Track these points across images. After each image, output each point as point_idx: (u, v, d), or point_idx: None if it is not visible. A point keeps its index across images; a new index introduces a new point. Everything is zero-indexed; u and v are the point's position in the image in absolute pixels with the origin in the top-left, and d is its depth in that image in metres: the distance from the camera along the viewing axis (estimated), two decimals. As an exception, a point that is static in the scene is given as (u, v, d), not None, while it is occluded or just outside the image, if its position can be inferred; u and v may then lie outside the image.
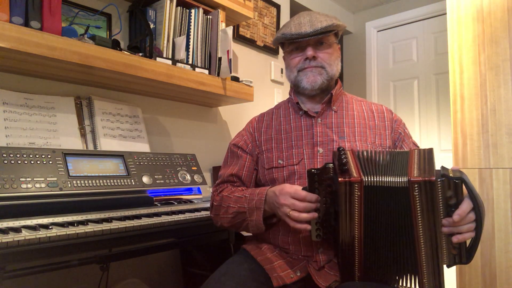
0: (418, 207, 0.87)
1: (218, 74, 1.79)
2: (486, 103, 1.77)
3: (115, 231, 1.09)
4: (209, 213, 1.32)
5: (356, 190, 0.90)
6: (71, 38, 1.30)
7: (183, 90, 1.73)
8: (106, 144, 1.51)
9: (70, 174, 1.26)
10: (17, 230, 0.95)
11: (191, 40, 1.76)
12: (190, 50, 1.75)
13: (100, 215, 1.19)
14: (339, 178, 0.90)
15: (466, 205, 0.86)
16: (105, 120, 1.55)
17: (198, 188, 1.70)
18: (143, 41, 1.65)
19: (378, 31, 3.54)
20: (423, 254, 0.89)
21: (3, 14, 1.18)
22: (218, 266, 1.11)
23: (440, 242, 0.89)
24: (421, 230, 0.88)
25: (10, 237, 0.90)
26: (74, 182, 1.25)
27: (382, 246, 0.93)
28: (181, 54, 1.69)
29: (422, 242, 0.89)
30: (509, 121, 1.71)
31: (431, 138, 3.16)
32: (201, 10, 1.80)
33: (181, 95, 1.85)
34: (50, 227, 1.00)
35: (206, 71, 1.75)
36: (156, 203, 1.47)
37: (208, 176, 2.01)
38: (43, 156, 1.23)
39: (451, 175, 0.87)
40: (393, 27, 3.44)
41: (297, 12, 1.56)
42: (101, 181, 1.31)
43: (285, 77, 2.69)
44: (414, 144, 1.20)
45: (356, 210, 0.91)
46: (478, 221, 0.88)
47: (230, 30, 1.78)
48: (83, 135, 1.48)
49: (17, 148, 1.20)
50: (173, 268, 1.86)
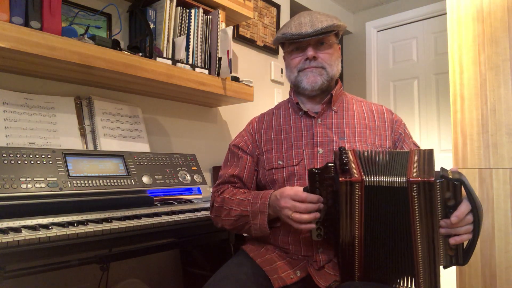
0: (416, 208, 0.88)
1: (218, 74, 1.79)
2: (486, 103, 1.77)
3: (115, 231, 1.09)
4: (209, 213, 1.32)
5: (357, 190, 0.90)
6: (71, 38, 1.30)
7: (183, 90, 1.73)
8: (106, 144, 1.51)
9: (70, 174, 1.26)
10: (17, 230, 0.95)
11: (191, 40, 1.76)
12: (190, 50, 1.75)
13: (100, 215, 1.19)
14: (340, 178, 0.90)
15: (464, 207, 0.86)
16: (105, 120, 1.55)
17: (198, 188, 1.70)
18: (143, 41, 1.65)
19: (378, 31, 3.54)
20: (420, 254, 0.89)
21: (3, 14, 1.18)
22: (218, 266, 1.10)
23: (437, 243, 0.89)
24: (418, 230, 0.88)
25: (10, 237, 0.90)
26: (74, 182, 1.25)
27: (382, 246, 0.93)
28: (181, 54, 1.69)
29: (419, 243, 0.89)
30: (509, 121, 1.71)
31: (431, 138, 3.16)
32: (201, 10, 1.80)
33: (181, 95, 1.85)
34: (50, 227, 1.00)
35: (206, 71, 1.75)
36: (156, 203, 1.47)
37: (208, 176, 2.01)
38: (43, 156, 1.23)
39: (450, 177, 0.87)
40: (393, 27, 3.44)
41: (297, 12, 1.56)
42: (101, 181, 1.31)
43: (285, 77, 2.69)
44: (415, 144, 1.20)
45: (356, 209, 0.91)
46: (476, 223, 0.88)
47: (230, 30, 1.78)
48: (83, 135, 1.48)
49: (17, 148, 1.20)
50: (173, 268, 1.86)
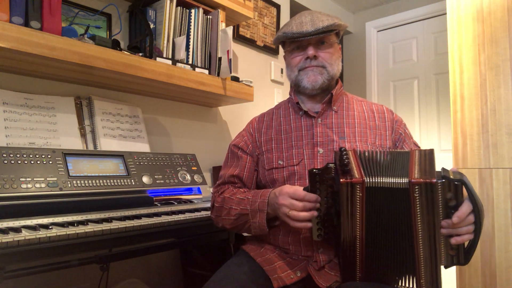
0: (418, 208, 0.87)
1: (218, 74, 1.79)
2: (486, 103, 1.77)
3: (115, 231, 1.09)
4: (209, 213, 1.32)
5: (358, 191, 0.90)
6: (71, 38, 1.30)
7: (183, 90, 1.73)
8: (106, 144, 1.51)
9: (70, 174, 1.26)
10: (17, 230, 0.95)
11: (191, 40, 1.75)
12: (190, 50, 1.75)
13: (100, 215, 1.19)
14: (341, 179, 0.90)
15: (465, 207, 0.86)
16: (105, 120, 1.55)
17: (198, 188, 1.70)
18: (143, 41, 1.65)
19: (378, 31, 3.54)
20: (421, 254, 0.89)
21: (3, 14, 1.18)
22: (218, 266, 1.10)
23: (438, 243, 0.89)
24: (420, 231, 0.88)
25: (10, 237, 0.90)
26: (74, 182, 1.25)
27: (383, 246, 0.93)
28: (181, 54, 1.69)
29: (421, 243, 0.89)
30: (509, 121, 1.70)
31: (431, 138, 3.16)
32: (201, 10, 1.80)
33: (181, 95, 1.85)
34: (50, 227, 1.00)
35: (206, 71, 1.75)
36: (156, 203, 1.47)
37: (208, 176, 2.01)
38: (43, 156, 1.23)
39: (452, 177, 0.87)
40: (393, 27, 3.44)
41: (297, 12, 1.56)
42: (101, 181, 1.31)
43: (285, 77, 2.69)
44: (415, 144, 1.20)
45: (357, 210, 0.91)
46: (477, 223, 0.88)
47: (230, 30, 1.78)
48: (83, 135, 1.48)
49: (17, 148, 1.20)
50: (173, 268, 1.86)
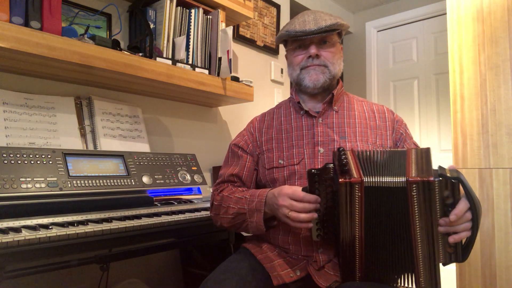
0: (416, 207, 0.88)
1: (218, 74, 1.79)
2: (486, 103, 1.77)
3: (115, 231, 1.09)
4: (209, 213, 1.32)
5: (356, 191, 0.90)
6: (71, 38, 1.30)
7: (183, 90, 1.73)
8: (106, 144, 1.51)
9: (70, 174, 1.26)
10: (17, 230, 0.95)
11: (191, 40, 1.76)
12: (190, 50, 1.75)
13: (100, 215, 1.19)
14: (340, 179, 0.90)
15: (462, 205, 0.87)
16: (105, 120, 1.55)
17: (198, 188, 1.70)
18: (143, 41, 1.65)
19: (378, 31, 3.54)
20: (420, 253, 0.90)
21: (3, 14, 1.18)
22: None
23: (436, 241, 0.89)
24: (418, 229, 0.89)
25: (10, 237, 0.90)
26: (74, 182, 1.25)
27: (382, 246, 0.93)
28: (181, 54, 1.69)
29: (419, 241, 0.89)
30: (509, 121, 1.70)
31: (431, 138, 3.16)
32: (201, 10, 1.80)
33: (181, 95, 1.85)
34: (50, 227, 1.00)
35: (206, 71, 1.75)
36: (156, 203, 1.47)
37: (208, 176, 2.01)
38: (43, 156, 1.23)
39: (449, 175, 0.87)
40: (393, 27, 3.44)
41: (297, 12, 1.56)
42: (101, 181, 1.31)
43: (285, 77, 2.69)
44: (415, 144, 1.20)
45: (356, 210, 0.91)
46: (475, 220, 0.88)
47: (230, 30, 1.78)
48: (83, 135, 1.48)
49: (17, 148, 1.20)
50: (173, 268, 1.86)
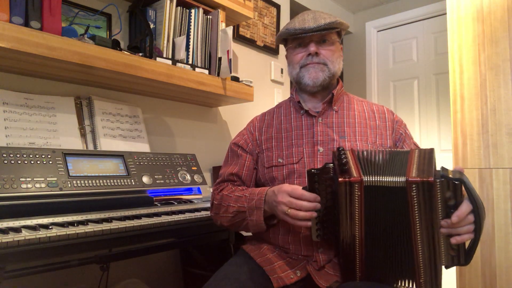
0: (416, 208, 0.87)
1: (218, 74, 1.79)
2: (486, 103, 1.77)
3: (115, 231, 1.09)
4: (209, 213, 1.32)
5: (356, 190, 0.90)
6: (71, 38, 1.30)
7: (183, 90, 1.73)
8: (106, 144, 1.51)
9: (70, 174, 1.26)
10: (17, 230, 0.95)
11: (191, 40, 1.76)
12: (190, 50, 1.75)
13: (100, 215, 1.19)
14: (339, 178, 0.90)
15: (465, 206, 0.86)
16: (105, 120, 1.55)
17: (198, 188, 1.70)
18: (143, 41, 1.65)
19: (378, 31, 3.54)
20: (420, 254, 0.89)
21: (3, 14, 1.18)
22: (218, 266, 1.10)
23: (438, 243, 0.88)
24: (418, 230, 0.88)
25: (10, 237, 0.90)
26: (74, 182, 1.25)
27: (383, 246, 0.93)
28: (181, 54, 1.69)
29: (420, 243, 0.88)
30: (509, 121, 1.70)
31: (431, 138, 3.16)
32: (201, 10, 1.80)
33: (181, 95, 1.85)
34: (50, 227, 1.00)
35: (206, 71, 1.75)
36: (156, 203, 1.47)
37: (208, 176, 2.01)
38: (43, 156, 1.23)
39: (451, 176, 0.86)
40: (393, 27, 3.44)
41: (297, 12, 1.56)
42: (101, 181, 1.31)
43: (285, 77, 2.69)
44: (415, 145, 1.20)
45: (356, 210, 0.91)
46: (477, 223, 0.87)
47: (230, 30, 1.78)
48: (83, 135, 1.48)
49: (17, 148, 1.20)
50: (173, 268, 1.86)
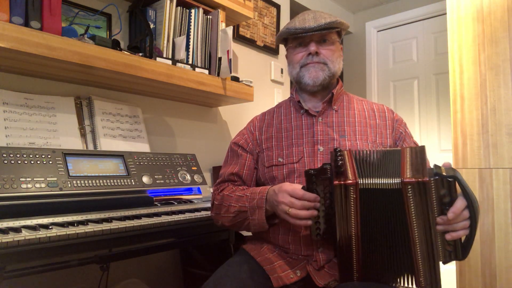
0: (412, 208, 0.88)
1: (218, 74, 1.79)
2: (486, 103, 1.77)
3: (115, 231, 1.09)
4: (209, 213, 1.32)
5: (351, 193, 0.90)
6: (71, 38, 1.30)
7: (183, 90, 1.73)
8: (106, 144, 1.51)
9: (70, 174, 1.26)
10: (17, 230, 0.95)
11: (191, 40, 1.76)
12: (190, 50, 1.75)
13: (100, 215, 1.19)
14: (335, 181, 0.91)
15: (460, 202, 0.87)
16: (105, 120, 1.55)
17: (198, 188, 1.70)
18: (143, 41, 1.65)
19: (378, 31, 3.54)
20: (419, 253, 0.89)
21: (3, 14, 1.18)
22: (218, 266, 1.10)
23: (435, 240, 0.89)
24: (416, 229, 0.88)
25: (10, 237, 0.90)
26: (74, 182, 1.25)
27: (380, 246, 0.93)
28: (181, 54, 1.69)
29: (418, 241, 0.89)
30: (509, 121, 1.70)
31: (431, 138, 3.16)
32: (201, 10, 1.80)
33: (181, 95, 1.85)
34: (50, 227, 1.00)
35: (206, 71, 1.75)
36: (156, 203, 1.47)
37: (208, 176, 2.01)
38: (43, 156, 1.23)
39: (444, 174, 0.87)
40: (393, 27, 3.44)
41: (297, 12, 1.56)
42: (101, 181, 1.31)
43: (285, 77, 2.69)
44: (415, 144, 1.20)
45: (352, 211, 0.91)
46: (472, 218, 0.88)
47: (230, 30, 1.78)
48: (83, 135, 1.48)
49: (17, 148, 1.20)
50: (173, 268, 1.86)
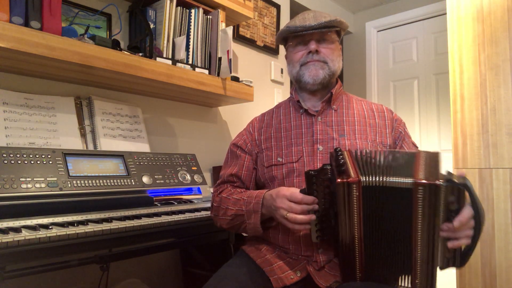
0: (420, 210, 0.87)
1: (218, 74, 1.79)
2: (486, 103, 1.77)
3: (115, 231, 1.09)
4: (209, 213, 1.32)
5: (354, 191, 0.90)
6: (71, 38, 1.30)
7: (183, 90, 1.73)
8: (106, 144, 1.51)
9: (70, 174, 1.26)
10: (17, 230, 0.95)
11: (191, 40, 1.76)
12: (190, 50, 1.75)
13: (100, 215, 1.19)
14: (337, 179, 0.90)
15: (467, 212, 0.86)
16: (105, 120, 1.55)
17: (198, 188, 1.70)
18: (143, 41, 1.65)
19: (378, 31, 3.54)
20: (419, 255, 0.89)
21: (3, 14, 1.18)
22: (218, 266, 1.10)
23: (436, 245, 0.88)
24: (419, 232, 0.88)
25: (10, 237, 0.90)
26: (74, 182, 1.25)
27: (382, 246, 0.93)
28: (181, 54, 1.69)
29: (419, 244, 0.88)
30: (509, 121, 1.70)
31: (431, 138, 3.16)
32: (201, 10, 1.80)
33: (181, 95, 1.85)
34: (50, 227, 1.00)
35: (206, 71, 1.75)
36: (156, 203, 1.47)
37: (208, 176, 2.01)
38: (43, 156, 1.23)
39: (456, 181, 0.86)
40: (393, 27, 3.44)
41: (297, 12, 1.56)
42: (101, 181, 1.31)
43: (285, 77, 2.69)
44: (414, 144, 1.20)
45: (355, 210, 0.91)
46: (477, 229, 0.88)
47: (230, 30, 1.78)
48: (83, 135, 1.48)
49: (17, 148, 1.20)
50: (173, 268, 1.86)
